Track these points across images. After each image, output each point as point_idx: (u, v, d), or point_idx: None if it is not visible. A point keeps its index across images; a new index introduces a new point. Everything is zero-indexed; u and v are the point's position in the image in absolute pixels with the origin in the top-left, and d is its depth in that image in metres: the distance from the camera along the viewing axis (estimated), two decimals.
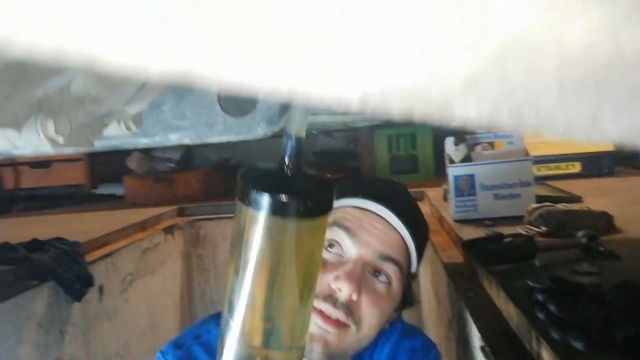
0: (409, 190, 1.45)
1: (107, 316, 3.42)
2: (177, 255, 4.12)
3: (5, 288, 2.60)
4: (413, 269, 1.40)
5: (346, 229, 1.33)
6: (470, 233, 2.38)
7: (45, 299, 2.83)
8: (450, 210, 3.02)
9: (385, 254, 1.32)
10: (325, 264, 1.29)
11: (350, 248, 1.31)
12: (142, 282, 3.86)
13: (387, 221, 1.37)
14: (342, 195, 1.45)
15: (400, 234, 1.38)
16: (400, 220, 1.35)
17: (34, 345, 2.83)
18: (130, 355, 3.65)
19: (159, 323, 4.21)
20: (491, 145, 3.27)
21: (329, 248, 1.33)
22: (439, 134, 5.23)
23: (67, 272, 3.11)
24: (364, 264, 1.28)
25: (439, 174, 4.78)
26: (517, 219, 2.44)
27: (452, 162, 3.01)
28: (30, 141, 0.79)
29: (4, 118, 0.73)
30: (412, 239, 1.38)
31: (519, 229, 2.19)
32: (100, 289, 3.30)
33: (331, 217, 1.43)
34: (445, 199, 4.09)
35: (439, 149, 5.21)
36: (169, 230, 3.97)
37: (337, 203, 1.44)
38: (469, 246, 2.13)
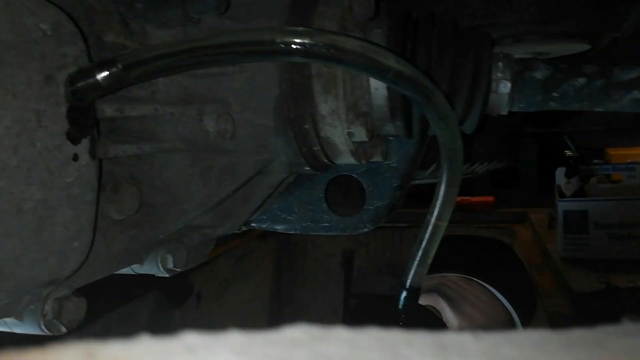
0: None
1: (204, 321, 3.61)
2: (269, 261, 4.25)
3: (114, 297, 2.81)
4: None
5: (448, 299, 1.26)
6: (579, 279, 2.18)
7: (150, 307, 3.03)
8: (557, 246, 2.80)
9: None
10: None
11: (451, 319, 1.24)
12: (237, 287, 4.03)
13: (492, 293, 1.28)
14: (444, 263, 1.37)
15: (505, 308, 1.29)
16: (505, 295, 1.26)
17: None
18: None
19: (250, 326, 4.38)
20: (608, 177, 2.95)
21: None
22: (544, 145, 4.87)
23: (170, 281, 3.30)
24: None
25: (543, 190, 4.47)
26: (635, 264, 2.21)
27: (562, 195, 2.76)
28: (150, 271, 0.81)
29: (129, 256, 0.76)
30: (518, 315, 1.28)
31: None
32: (199, 296, 3.48)
33: (431, 282, 1.37)
34: (550, 226, 3.80)
35: (543, 161, 4.86)
36: (262, 236, 4.08)
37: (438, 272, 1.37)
38: (579, 302, 1.95)
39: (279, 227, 1.12)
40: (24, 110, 0.51)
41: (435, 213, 0.68)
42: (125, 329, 2.88)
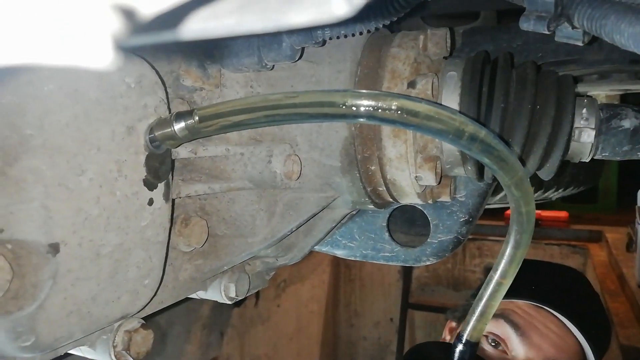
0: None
1: (260, 320, 3.69)
2: (327, 264, 4.27)
3: None
4: None
5: (515, 326, 1.20)
6: None
7: (210, 303, 3.14)
8: (636, 272, 2.62)
9: None
10: (486, 356, 1.19)
11: (518, 348, 1.18)
12: (294, 288, 4.08)
13: (563, 323, 1.21)
14: (513, 289, 1.31)
15: (578, 341, 1.22)
16: (578, 325, 1.18)
17: (198, 345, 3.17)
18: (278, 357, 3.91)
19: (305, 328, 4.44)
20: None
21: (492, 344, 1.23)
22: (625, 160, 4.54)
23: None
24: None
25: (623, 206, 4.17)
26: None
27: None
28: (214, 297, 0.84)
29: (194, 283, 0.79)
30: (591, 348, 1.20)
31: None
32: (257, 295, 3.56)
33: (498, 307, 1.32)
34: (629, 248, 3.55)
35: (624, 177, 4.54)
36: None
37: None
38: None
39: (339, 253, 1.12)
40: (106, 162, 0.54)
41: (500, 271, 0.66)
42: (186, 324, 2.99)
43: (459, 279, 4.57)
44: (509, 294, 1.33)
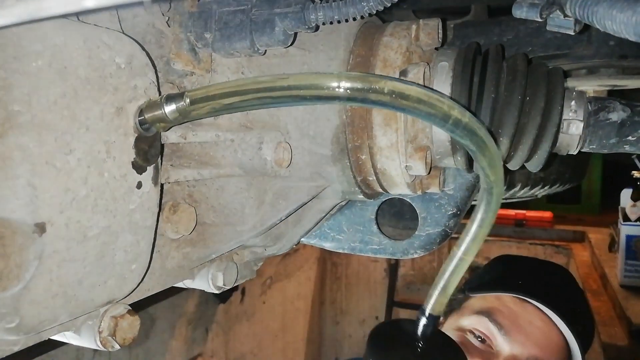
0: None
1: (246, 316, 3.68)
2: (313, 261, 4.27)
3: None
4: None
5: (499, 326, 1.21)
6: (639, 309, 2.07)
7: (196, 299, 3.12)
8: (617, 272, 2.66)
9: None
10: (473, 348, 1.20)
11: (502, 344, 1.19)
12: (280, 285, 4.07)
13: (549, 319, 1.22)
14: (500, 283, 1.32)
15: (563, 337, 1.23)
16: (565, 321, 1.19)
17: (183, 340, 3.15)
18: (263, 355, 3.90)
19: (290, 325, 4.44)
20: None
21: (478, 339, 1.24)
22: (609, 161, 4.61)
23: None
24: None
25: (606, 208, 4.24)
26: None
27: (626, 218, 2.62)
28: (201, 286, 0.83)
29: (181, 271, 0.78)
30: (578, 345, 1.21)
31: None
32: (243, 291, 3.54)
33: (483, 303, 1.33)
34: (611, 248, 3.60)
35: (607, 178, 4.62)
36: None
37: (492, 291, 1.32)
38: (638, 334, 1.85)
39: (327, 245, 1.12)
40: (95, 142, 0.53)
41: (463, 248, 0.67)
42: (171, 320, 2.96)
43: None
44: (496, 288, 1.34)
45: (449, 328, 1.31)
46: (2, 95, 0.46)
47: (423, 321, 0.72)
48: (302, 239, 1.11)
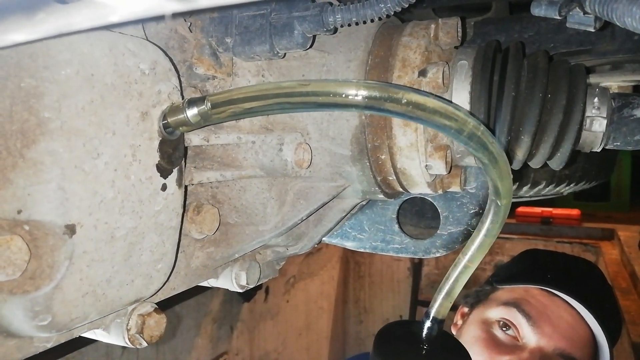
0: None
1: (270, 315, 3.71)
2: (336, 260, 4.28)
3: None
4: None
5: (527, 316, 1.20)
6: None
7: (221, 297, 3.16)
8: None
9: (568, 354, 1.16)
10: (498, 343, 1.19)
11: (529, 335, 1.18)
12: (303, 284, 4.09)
13: (577, 313, 1.21)
14: (528, 275, 1.30)
15: (591, 331, 1.21)
16: (594, 315, 1.18)
17: (208, 339, 3.20)
18: (287, 353, 3.92)
19: (314, 324, 4.46)
20: None
21: (503, 328, 1.23)
22: (638, 154, 4.48)
23: None
24: (542, 357, 1.15)
25: (636, 205, 4.13)
26: None
27: None
28: (225, 285, 0.85)
29: (206, 271, 0.79)
30: (607, 339, 1.19)
31: None
32: (267, 290, 3.57)
33: (511, 294, 1.32)
34: None
35: (637, 175, 4.48)
36: None
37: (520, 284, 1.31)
38: None
39: (349, 244, 1.13)
40: (121, 147, 0.55)
41: (468, 255, 0.69)
42: (196, 318, 3.00)
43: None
44: (525, 280, 1.33)
45: (474, 320, 1.31)
46: (33, 103, 0.48)
47: (428, 324, 0.74)
48: (323, 239, 1.12)
